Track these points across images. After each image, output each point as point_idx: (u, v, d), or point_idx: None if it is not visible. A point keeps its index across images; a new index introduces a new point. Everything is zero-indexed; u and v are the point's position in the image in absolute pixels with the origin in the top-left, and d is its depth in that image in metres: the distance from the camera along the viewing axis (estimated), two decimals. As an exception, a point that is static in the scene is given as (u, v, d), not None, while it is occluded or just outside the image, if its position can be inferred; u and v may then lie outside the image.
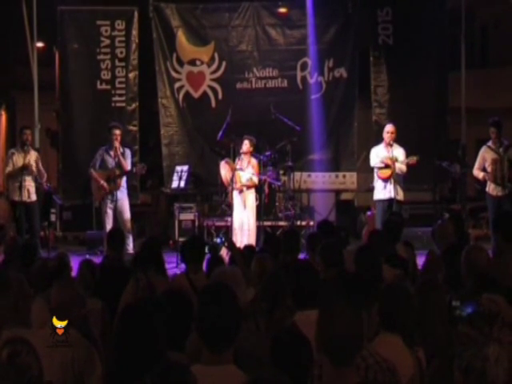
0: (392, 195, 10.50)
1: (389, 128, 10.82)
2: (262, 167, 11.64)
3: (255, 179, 10.90)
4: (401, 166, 10.54)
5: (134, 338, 3.19)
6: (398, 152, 10.64)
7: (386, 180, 10.60)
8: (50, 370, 3.52)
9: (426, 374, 3.63)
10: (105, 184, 10.73)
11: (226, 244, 9.80)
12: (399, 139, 10.89)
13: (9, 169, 10.66)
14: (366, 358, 3.18)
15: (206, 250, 9.62)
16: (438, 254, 6.10)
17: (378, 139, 11.40)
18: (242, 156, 10.88)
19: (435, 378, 3.53)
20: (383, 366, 3.22)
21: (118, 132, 10.90)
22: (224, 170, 11.16)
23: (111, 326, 5.02)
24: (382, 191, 10.64)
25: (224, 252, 9.12)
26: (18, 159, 10.60)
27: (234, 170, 10.80)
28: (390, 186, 10.51)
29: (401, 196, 10.62)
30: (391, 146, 10.62)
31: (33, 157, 10.72)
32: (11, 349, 2.96)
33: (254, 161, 10.97)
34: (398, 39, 13.04)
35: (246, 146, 10.83)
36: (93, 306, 5.33)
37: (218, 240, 11.17)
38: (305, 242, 7.01)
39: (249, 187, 10.89)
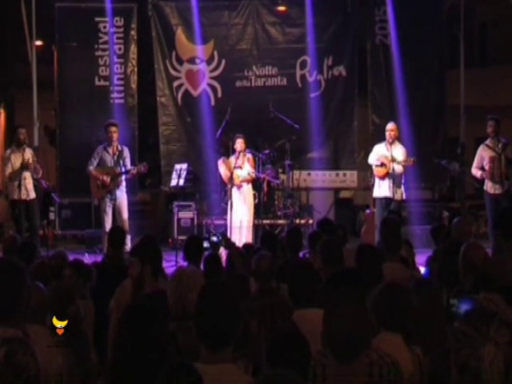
0: (388, 194, 10.54)
1: (389, 126, 10.86)
2: (262, 165, 11.73)
3: (253, 174, 11.01)
4: (396, 167, 10.56)
5: (139, 339, 3.17)
6: (398, 152, 10.66)
7: (381, 178, 10.67)
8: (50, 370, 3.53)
9: (425, 370, 3.64)
10: (105, 177, 10.68)
11: (223, 242, 9.81)
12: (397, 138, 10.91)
13: (9, 170, 10.64)
14: (370, 353, 3.20)
15: (207, 245, 9.66)
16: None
17: (376, 138, 11.41)
18: (239, 154, 10.92)
19: (432, 375, 3.55)
20: (387, 361, 3.24)
21: (113, 129, 10.88)
22: (222, 169, 11.21)
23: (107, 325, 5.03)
24: (378, 189, 10.78)
25: (222, 251, 9.13)
26: (16, 159, 10.60)
27: (231, 168, 10.85)
28: (386, 185, 10.55)
29: (399, 195, 10.61)
30: (392, 144, 10.65)
31: (29, 154, 10.72)
32: (8, 348, 2.94)
33: (249, 156, 11.16)
34: (395, 38, 13.01)
35: (240, 144, 10.94)
36: (86, 305, 5.31)
37: (215, 239, 11.18)
38: (306, 240, 7.02)
39: (248, 182, 11.00)
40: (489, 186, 10.45)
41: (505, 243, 5.97)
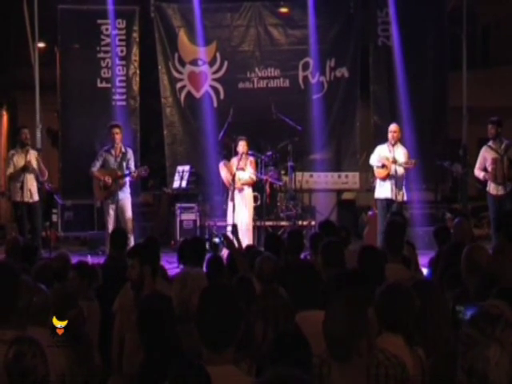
0: (389, 195, 10.53)
1: (391, 127, 10.84)
2: (264, 167, 11.75)
3: (253, 177, 11.04)
4: (398, 168, 10.55)
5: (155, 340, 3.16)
6: (399, 153, 10.65)
7: (382, 179, 10.67)
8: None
9: (427, 372, 3.64)
10: (107, 178, 10.68)
11: (224, 242, 9.81)
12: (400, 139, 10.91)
13: (10, 170, 10.66)
14: (376, 354, 3.20)
15: (208, 248, 9.67)
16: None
17: (377, 139, 11.38)
18: (241, 156, 10.94)
19: (435, 378, 3.54)
20: (394, 362, 3.25)
21: (116, 131, 10.90)
22: (223, 172, 11.24)
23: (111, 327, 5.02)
24: (379, 190, 10.79)
25: (225, 252, 9.13)
26: (19, 160, 10.61)
27: (232, 171, 10.88)
28: (388, 186, 10.55)
29: (401, 196, 10.60)
30: (394, 145, 10.65)
31: (33, 156, 10.73)
32: (17, 350, 2.94)
33: (251, 158, 11.20)
34: (398, 40, 13.00)
35: (243, 146, 10.97)
36: (91, 307, 5.32)
37: (217, 240, 11.18)
38: (308, 241, 7.02)
39: (249, 185, 11.03)
40: (492, 188, 10.44)
41: (507, 244, 5.98)
